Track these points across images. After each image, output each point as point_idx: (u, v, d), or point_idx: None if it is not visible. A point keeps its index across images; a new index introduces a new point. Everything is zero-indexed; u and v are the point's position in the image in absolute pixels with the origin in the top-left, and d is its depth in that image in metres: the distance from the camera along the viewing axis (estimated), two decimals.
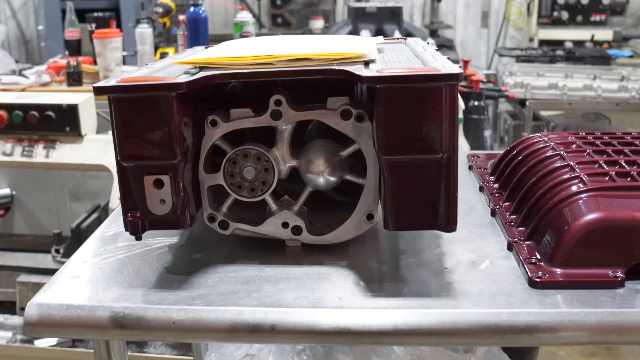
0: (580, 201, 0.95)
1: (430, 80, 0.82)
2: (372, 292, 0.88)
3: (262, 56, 0.95)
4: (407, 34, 3.00)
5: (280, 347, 1.38)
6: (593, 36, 5.70)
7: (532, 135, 1.25)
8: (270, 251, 1.01)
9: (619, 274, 0.89)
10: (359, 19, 2.99)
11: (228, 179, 0.98)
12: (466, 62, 3.13)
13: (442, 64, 0.89)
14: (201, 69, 0.95)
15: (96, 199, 3.06)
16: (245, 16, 2.91)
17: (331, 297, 0.86)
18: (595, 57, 3.87)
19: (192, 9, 2.77)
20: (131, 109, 0.88)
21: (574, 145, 1.15)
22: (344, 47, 1.00)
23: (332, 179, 0.98)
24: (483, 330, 0.81)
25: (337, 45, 1.05)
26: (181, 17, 2.99)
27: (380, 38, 1.29)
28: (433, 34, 6.32)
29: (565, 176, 1.02)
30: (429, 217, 0.89)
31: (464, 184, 1.30)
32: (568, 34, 5.76)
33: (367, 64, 0.94)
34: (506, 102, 3.73)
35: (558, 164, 1.07)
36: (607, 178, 1.00)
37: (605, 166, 1.04)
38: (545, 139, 1.20)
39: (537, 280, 0.88)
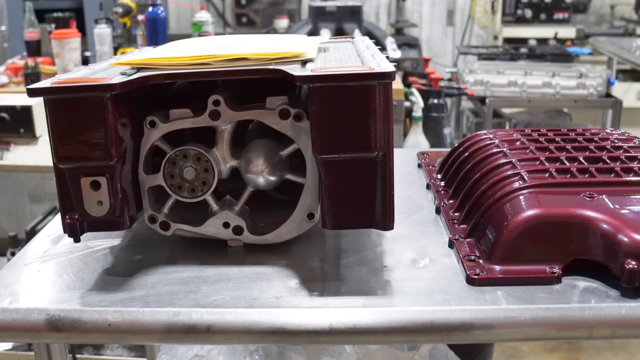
0: (519, 198, 0.95)
1: (363, 79, 0.82)
2: (310, 291, 0.88)
3: (200, 56, 0.94)
4: (367, 32, 3.01)
5: (232, 347, 1.38)
6: (556, 34, 5.75)
7: (478, 132, 1.26)
8: (213, 251, 1.00)
9: (556, 270, 0.90)
10: (319, 18, 2.99)
11: (168, 180, 0.98)
12: (426, 61, 3.14)
13: (378, 63, 0.89)
14: (139, 69, 0.95)
15: (56, 200, 3.03)
16: (203, 16, 2.89)
17: (268, 297, 0.86)
18: (556, 54, 3.90)
19: (150, 9, 2.75)
20: (65, 110, 0.87)
21: (518, 143, 1.15)
22: (284, 47, 1.00)
23: (272, 178, 0.98)
24: (418, 328, 0.81)
25: (278, 45, 1.05)
26: (140, 17, 2.97)
27: (325, 37, 1.29)
28: (399, 32, 6.34)
29: (506, 173, 1.02)
30: (366, 215, 0.89)
31: (413, 182, 1.30)
32: (532, 32, 5.80)
33: (304, 63, 0.94)
34: (468, 100, 3.75)
35: (500, 161, 1.07)
36: (547, 175, 1.01)
37: (546, 163, 1.05)
38: (491, 136, 1.21)
39: (475, 277, 0.89)
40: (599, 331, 0.83)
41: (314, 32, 2.98)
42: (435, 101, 2.75)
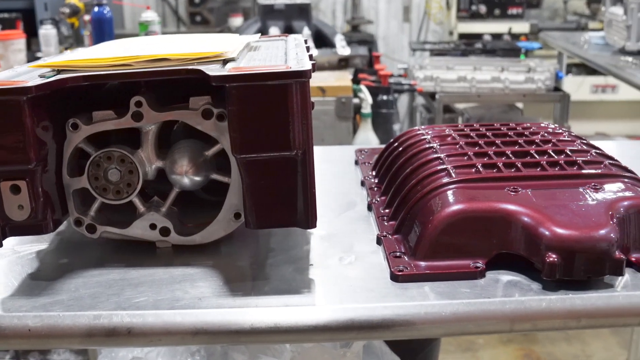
0: (444, 193, 0.96)
1: (279, 78, 0.82)
2: (234, 291, 0.87)
3: (121, 58, 0.93)
4: (317, 30, 3.01)
5: (172, 349, 1.37)
6: (510, 29, 5.80)
7: (412, 128, 1.26)
8: (141, 253, 0.99)
9: (480, 264, 0.90)
10: (267, 16, 2.98)
11: (93, 182, 0.97)
12: (377, 57, 3.15)
13: (298, 62, 0.89)
14: (59, 72, 0.93)
15: None
16: (150, 15, 2.87)
17: (191, 298, 0.86)
18: (506, 49, 3.93)
19: (96, 9, 2.73)
20: None
21: (449, 138, 1.16)
22: (207, 47, 1.00)
23: (197, 179, 0.97)
24: (339, 326, 0.81)
25: (203, 45, 1.05)
26: (87, 17, 2.94)
27: (256, 36, 1.29)
28: (355, 29, 6.36)
29: (434, 169, 1.03)
30: (288, 214, 0.89)
31: (348, 179, 1.30)
32: (486, 27, 5.86)
33: (226, 62, 0.94)
34: (420, 96, 3.76)
35: (429, 157, 1.08)
36: (473, 170, 1.01)
37: (474, 158, 1.05)
38: (424, 132, 1.22)
39: (399, 273, 0.89)
40: (520, 325, 0.84)
41: (263, 31, 2.97)
42: (385, 97, 2.77)
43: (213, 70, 0.87)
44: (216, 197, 1.04)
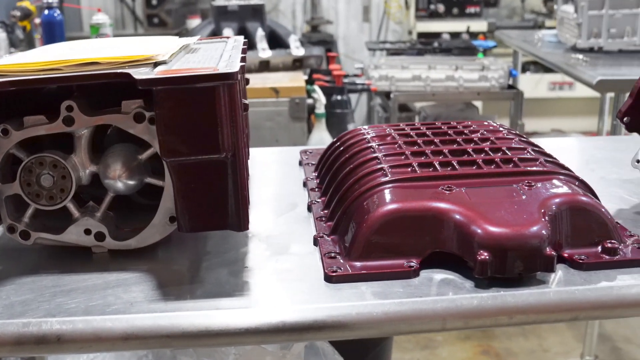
0: (378, 193, 0.96)
1: (205, 80, 0.82)
2: (166, 295, 0.87)
3: (51, 62, 0.92)
4: (271, 31, 3.01)
5: (118, 352, 1.36)
6: (469, 28, 5.85)
7: (355, 128, 1.26)
8: (77, 259, 0.98)
9: (413, 263, 0.90)
10: (221, 18, 2.97)
11: (25, 188, 0.96)
12: (333, 57, 3.16)
13: (228, 64, 0.89)
14: None
15: None
16: (101, 18, 2.85)
17: (123, 303, 0.85)
18: (461, 48, 3.96)
19: (46, 11, 2.70)
20: None
21: (389, 138, 1.16)
22: (140, 50, 0.99)
23: (131, 183, 0.96)
24: (271, 328, 0.81)
25: (137, 48, 1.04)
26: (37, 21, 2.90)
27: (194, 38, 1.28)
28: (314, 29, 6.37)
29: (370, 169, 1.03)
30: (219, 217, 0.89)
31: (292, 181, 1.30)
32: (445, 26, 5.90)
33: (157, 65, 0.93)
34: (377, 96, 3.77)
35: (367, 157, 1.08)
36: (409, 169, 1.02)
37: (411, 157, 1.06)
38: (365, 131, 1.22)
39: (333, 274, 0.89)
40: (451, 323, 0.85)
41: (216, 32, 2.96)
42: (339, 97, 2.77)
43: (141, 73, 0.86)
44: (153, 200, 1.03)
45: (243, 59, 1.01)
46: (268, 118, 2.55)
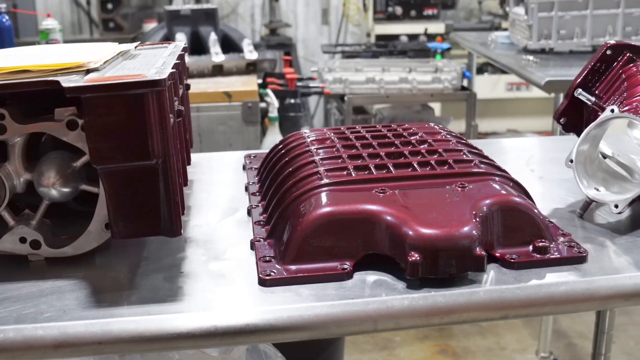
0: (313, 197, 0.97)
1: (132, 88, 0.82)
2: (100, 302, 0.87)
3: None
4: (224, 35, 3.00)
5: None
6: (426, 30, 5.89)
7: (296, 132, 1.27)
8: (14, 267, 0.98)
9: (347, 265, 0.92)
10: (173, 22, 2.96)
11: None
12: (287, 61, 3.17)
13: (159, 70, 0.89)
14: None
15: None
16: (50, 23, 2.82)
17: (56, 311, 0.85)
18: (416, 50, 4.00)
19: None
20: None
21: (328, 141, 1.17)
22: (73, 57, 0.99)
23: (66, 190, 0.96)
24: (202, 333, 0.82)
25: (73, 55, 1.04)
26: None
27: (133, 45, 1.28)
28: (273, 32, 6.37)
29: (306, 172, 1.04)
30: (152, 223, 0.89)
31: (235, 185, 1.31)
32: (403, 29, 5.94)
33: (89, 72, 0.93)
34: (332, 99, 3.79)
35: (304, 161, 1.09)
36: (345, 172, 1.03)
37: (347, 160, 1.07)
38: (306, 135, 1.23)
39: (267, 278, 0.90)
40: (383, 324, 0.86)
41: (169, 37, 2.95)
42: (292, 101, 2.78)
43: (71, 81, 0.86)
44: (89, 207, 1.03)
45: (177, 65, 1.01)
46: (221, 122, 2.55)
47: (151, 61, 1.06)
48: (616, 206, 1.07)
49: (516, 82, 6.06)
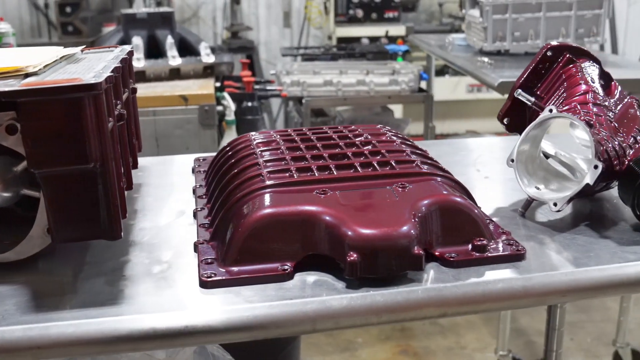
0: (254, 199, 0.98)
1: (68, 92, 0.82)
2: (40, 307, 0.87)
3: None
4: (181, 38, 3.00)
5: None
6: (387, 32, 5.94)
7: (243, 135, 1.28)
8: None
9: (287, 266, 0.92)
10: (130, 26, 2.95)
11: None
12: (245, 64, 3.17)
13: (97, 74, 0.89)
14: None
15: None
16: (2, 27, 2.80)
17: None
18: (375, 52, 4.02)
19: None
20: None
21: (274, 144, 1.18)
22: (12, 61, 0.99)
23: (7, 195, 0.96)
24: (141, 335, 0.82)
25: (14, 59, 1.04)
26: None
27: (79, 48, 1.28)
28: (234, 35, 6.37)
29: (249, 175, 1.05)
30: (91, 227, 0.89)
31: (184, 188, 1.31)
32: (364, 31, 5.98)
33: (27, 76, 0.93)
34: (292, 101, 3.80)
35: (248, 163, 1.10)
36: (287, 174, 1.04)
37: (291, 162, 1.08)
38: (253, 137, 1.23)
39: (207, 280, 0.90)
40: (322, 324, 0.87)
41: (125, 41, 2.94)
42: (249, 104, 2.78)
43: (7, 85, 0.86)
44: (32, 212, 1.03)
45: (118, 69, 1.01)
46: (178, 126, 2.55)
47: (94, 65, 1.07)
48: (555, 204, 1.08)
49: (476, 84, 6.12)
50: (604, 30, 3.12)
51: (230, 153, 1.21)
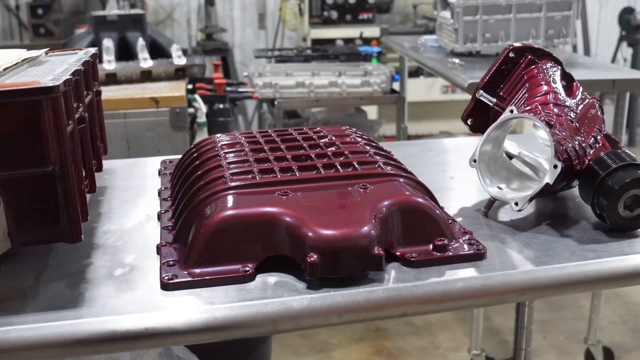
0: (216, 201, 0.98)
1: (24, 95, 0.82)
2: None
3: None
4: (152, 40, 3.00)
5: None
6: (362, 34, 5.95)
7: (208, 137, 1.28)
8: None
9: (249, 268, 0.93)
10: (100, 28, 2.94)
11: None
12: (217, 66, 3.17)
13: (55, 77, 0.89)
14: None
15: None
16: None
17: None
18: (347, 54, 4.03)
19: None
20: None
21: (238, 146, 1.19)
22: None
23: None
24: (101, 338, 0.82)
25: None
26: None
27: (42, 51, 1.27)
28: (209, 37, 6.35)
29: (212, 176, 1.05)
30: (51, 230, 0.89)
31: (150, 191, 1.31)
32: (339, 33, 5.98)
33: None
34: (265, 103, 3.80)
35: (211, 165, 1.10)
36: (250, 176, 1.04)
37: (254, 164, 1.08)
38: (218, 139, 1.24)
39: (169, 282, 0.91)
40: (282, 324, 0.88)
41: (95, 43, 2.93)
42: (221, 106, 2.78)
43: None
44: None
45: (79, 72, 1.01)
46: (149, 128, 2.54)
47: (55, 68, 1.06)
48: (516, 204, 1.10)
49: (451, 85, 6.14)
50: (574, 32, 3.15)
51: (195, 155, 1.21)
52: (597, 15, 7.34)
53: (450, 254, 0.98)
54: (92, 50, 1.28)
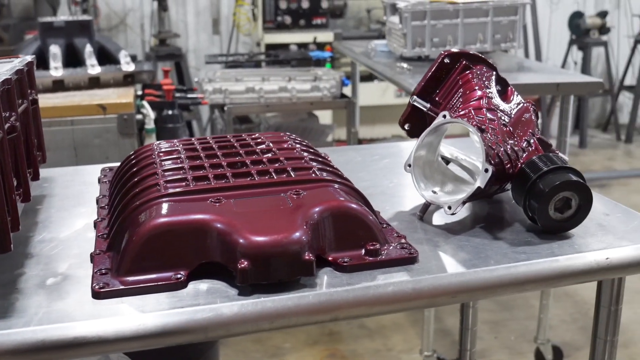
0: (149, 209, 0.99)
1: None
2: None
3: None
4: (100, 46, 2.98)
5: None
6: (315, 38, 5.96)
7: (146, 144, 1.28)
8: None
9: (181, 275, 0.93)
10: (47, 34, 2.91)
11: None
12: (167, 72, 3.15)
13: None
14: None
15: None
16: None
17: None
18: (299, 59, 4.04)
19: None
20: None
21: (175, 153, 1.19)
22: None
23: None
24: (31, 348, 0.82)
25: None
26: None
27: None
28: (162, 43, 6.32)
29: (147, 184, 1.05)
30: None
31: (89, 199, 1.30)
32: (292, 38, 5.99)
33: None
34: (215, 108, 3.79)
35: (146, 173, 1.10)
36: (184, 183, 1.05)
37: (189, 171, 1.09)
38: (156, 146, 1.24)
39: (100, 290, 0.91)
40: (213, 331, 0.88)
41: (42, 49, 2.90)
42: (170, 112, 2.77)
43: None
44: None
45: (9, 81, 1.01)
46: (96, 135, 2.52)
47: None
48: (449, 207, 1.11)
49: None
50: (520, 36, 3.19)
51: (133, 162, 1.21)
52: (548, 19, 7.45)
53: (382, 258, 1.00)
54: (29, 58, 1.28)
